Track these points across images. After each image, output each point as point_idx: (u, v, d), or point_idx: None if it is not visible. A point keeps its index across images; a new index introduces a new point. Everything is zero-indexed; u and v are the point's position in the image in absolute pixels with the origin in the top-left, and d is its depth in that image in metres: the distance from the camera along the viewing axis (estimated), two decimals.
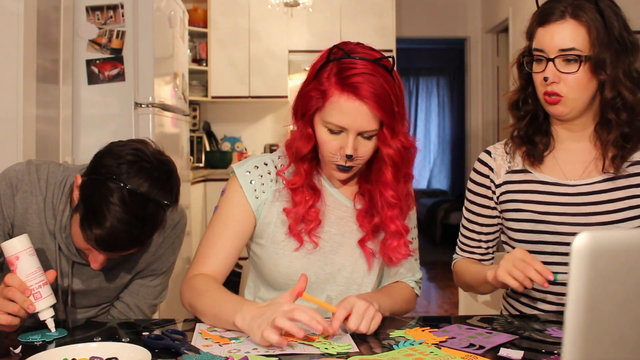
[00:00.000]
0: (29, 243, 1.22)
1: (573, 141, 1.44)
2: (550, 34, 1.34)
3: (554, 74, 1.34)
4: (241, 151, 5.65)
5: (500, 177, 1.50)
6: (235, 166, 1.44)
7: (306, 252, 1.39)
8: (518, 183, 1.47)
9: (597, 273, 0.64)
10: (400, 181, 1.38)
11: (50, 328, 1.22)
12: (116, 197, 1.20)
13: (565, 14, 1.33)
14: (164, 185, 1.26)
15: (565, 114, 1.37)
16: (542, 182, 1.45)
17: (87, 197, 1.24)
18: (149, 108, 3.06)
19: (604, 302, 0.65)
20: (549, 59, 1.34)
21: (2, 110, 2.35)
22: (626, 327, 0.67)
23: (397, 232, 1.40)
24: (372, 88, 1.25)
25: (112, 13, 3.00)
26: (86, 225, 1.22)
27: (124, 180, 1.21)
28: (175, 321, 1.33)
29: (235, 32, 5.36)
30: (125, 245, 1.24)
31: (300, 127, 1.36)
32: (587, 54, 1.32)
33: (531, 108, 1.45)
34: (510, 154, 1.50)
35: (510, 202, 1.47)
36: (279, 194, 1.41)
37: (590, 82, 1.34)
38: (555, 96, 1.35)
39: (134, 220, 1.21)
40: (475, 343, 1.15)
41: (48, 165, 1.42)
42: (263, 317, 1.13)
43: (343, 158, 1.32)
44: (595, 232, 0.64)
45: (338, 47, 1.32)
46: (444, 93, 9.20)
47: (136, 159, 1.25)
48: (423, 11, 6.24)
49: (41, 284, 1.21)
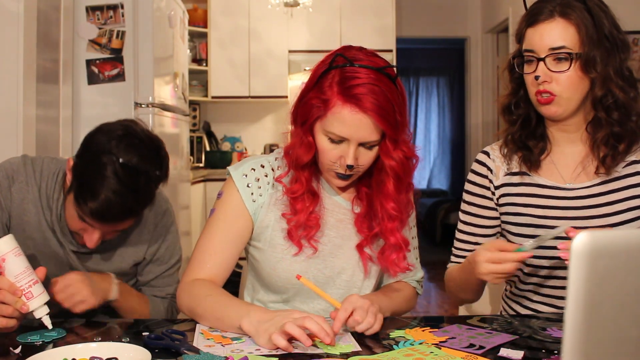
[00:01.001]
0: (15, 244, 1.22)
1: (569, 143, 1.43)
2: (540, 33, 1.33)
3: (545, 73, 1.33)
4: (241, 151, 5.65)
5: (499, 178, 1.48)
6: (231, 168, 1.42)
7: (305, 256, 1.38)
8: (516, 186, 1.46)
9: (597, 273, 0.64)
10: (402, 192, 1.37)
11: (47, 325, 1.22)
12: (109, 170, 1.26)
13: (554, 13, 1.32)
14: (153, 159, 1.33)
15: (559, 114, 1.36)
16: (541, 186, 1.43)
17: (80, 174, 1.29)
18: (149, 108, 3.06)
19: (604, 302, 0.65)
20: (540, 58, 1.33)
21: (2, 110, 2.35)
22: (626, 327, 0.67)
23: (396, 245, 1.39)
24: (375, 99, 1.23)
25: (112, 13, 3.00)
26: (81, 199, 1.27)
27: (116, 154, 1.27)
28: (175, 321, 1.33)
29: (235, 32, 5.36)
30: (119, 216, 1.29)
31: (300, 135, 1.34)
32: (577, 52, 1.31)
33: (523, 112, 1.43)
34: (507, 157, 1.48)
35: (509, 205, 1.46)
36: (276, 198, 1.39)
37: (582, 80, 1.33)
38: (547, 95, 1.33)
39: (127, 192, 1.26)
40: (476, 343, 1.15)
41: (43, 159, 1.47)
42: (272, 322, 1.13)
43: (343, 167, 1.30)
44: (595, 232, 0.64)
45: (340, 53, 1.29)
46: (444, 93, 9.20)
47: (126, 134, 1.31)
48: (423, 11, 6.24)
49: (31, 283, 1.21)
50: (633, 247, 0.66)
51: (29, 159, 1.45)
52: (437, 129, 9.19)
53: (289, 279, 1.38)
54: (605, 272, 0.64)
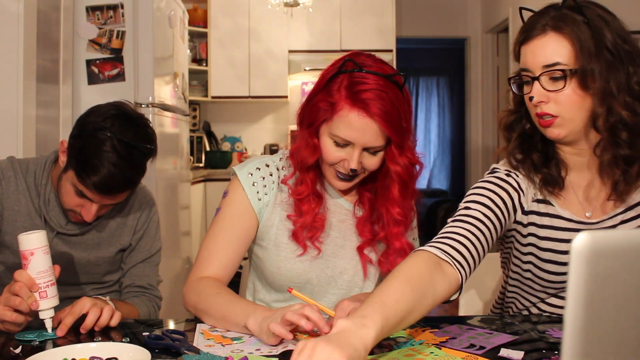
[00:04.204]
0: (46, 241, 1.24)
1: (583, 168, 1.29)
2: (532, 50, 1.22)
3: (540, 93, 1.21)
4: (241, 151, 5.65)
5: (528, 203, 1.32)
6: (236, 168, 1.43)
7: (309, 256, 1.39)
8: (542, 216, 1.31)
9: (597, 273, 0.64)
10: (407, 197, 1.39)
11: (47, 328, 1.23)
12: (108, 146, 1.38)
13: (546, 27, 1.21)
14: (145, 136, 1.46)
15: (563, 136, 1.24)
16: (566, 219, 1.30)
17: (78, 152, 1.41)
18: (149, 108, 3.06)
19: (604, 302, 0.65)
20: (534, 77, 1.22)
21: (2, 110, 2.35)
22: (626, 327, 0.67)
23: (401, 249, 1.40)
24: (382, 105, 1.25)
25: (112, 13, 3.00)
26: (84, 175, 1.38)
27: (112, 131, 1.40)
28: (175, 321, 1.33)
29: (235, 32, 5.36)
30: (120, 187, 1.42)
31: (305, 137, 1.35)
32: (572, 68, 1.19)
33: (520, 129, 1.32)
34: (529, 179, 1.31)
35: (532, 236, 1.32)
36: (281, 199, 1.41)
37: (583, 99, 1.20)
38: (548, 117, 1.22)
39: (126, 165, 1.40)
40: (476, 343, 1.15)
41: (28, 159, 1.61)
42: (273, 317, 1.14)
43: (346, 170, 1.32)
44: (595, 232, 0.64)
45: (350, 59, 1.30)
46: (444, 93, 9.19)
47: (119, 114, 1.44)
48: (423, 11, 6.24)
49: (49, 283, 1.23)
50: (633, 247, 0.66)
51: (15, 159, 1.58)
52: (437, 129, 9.18)
53: (292, 279, 1.39)
54: (605, 272, 0.64)
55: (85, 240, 1.57)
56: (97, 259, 1.58)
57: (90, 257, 1.58)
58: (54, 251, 1.51)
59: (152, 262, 1.66)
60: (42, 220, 1.53)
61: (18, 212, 1.52)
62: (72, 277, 1.57)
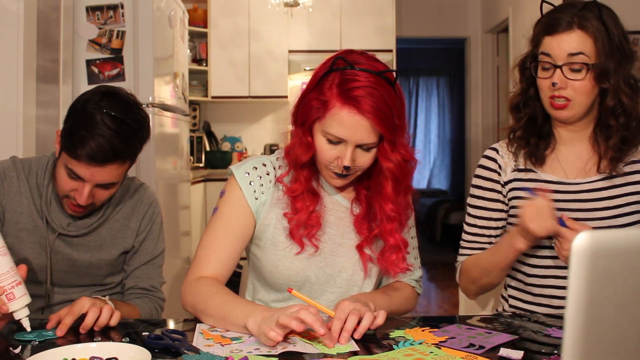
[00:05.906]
0: (2, 242, 1.22)
1: (574, 142, 1.49)
2: (558, 42, 1.38)
3: (562, 80, 1.39)
4: (241, 151, 5.65)
5: (507, 175, 1.53)
6: (233, 167, 1.44)
7: (307, 254, 1.39)
8: (524, 181, 1.50)
9: (597, 273, 0.64)
10: (400, 194, 1.39)
11: (25, 327, 1.21)
12: (98, 118, 1.40)
13: (572, 24, 1.37)
14: (135, 113, 1.47)
15: (570, 117, 1.42)
16: (547, 181, 1.48)
17: (69, 129, 1.42)
18: (149, 108, 3.06)
19: (604, 302, 0.65)
20: (557, 65, 1.38)
21: (2, 110, 2.35)
22: (626, 327, 0.67)
23: (396, 246, 1.40)
24: (373, 102, 1.26)
25: (112, 13, 3.00)
26: (78, 145, 1.38)
27: (101, 105, 1.41)
28: (175, 321, 1.33)
29: (235, 32, 5.36)
30: (109, 156, 1.40)
31: (299, 135, 1.36)
32: (593, 63, 1.37)
33: (531, 111, 1.49)
34: (515, 154, 1.53)
35: (516, 199, 1.50)
36: (278, 197, 1.41)
37: (593, 88, 1.40)
38: (563, 100, 1.40)
39: (115, 135, 1.40)
40: (475, 343, 1.15)
41: (30, 158, 1.59)
42: (271, 319, 1.14)
43: (340, 167, 1.33)
44: (595, 232, 0.64)
45: (341, 57, 1.31)
46: (444, 93, 9.20)
47: (108, 91, 1.47)
48: (423, 11, 6.24)
49: (14, 284, 1.21)
50: (633, 247, 0.66)
51: (17, 159, 1.57)
52: (437, 129, 9.18)
53: (290, 278, 1.39)
54: (605, 272, 0.65)
55: (87, 242, 1.55)
56: (99, 261, 1.57)
57: (92, 259, 1.56)
58: (55, 252, 1.52)
59: (155, 264, 1.65)
60: (43, 221, 1.52)
61: (20, 213, 1.51)
62: (74, 279, 1.57)
